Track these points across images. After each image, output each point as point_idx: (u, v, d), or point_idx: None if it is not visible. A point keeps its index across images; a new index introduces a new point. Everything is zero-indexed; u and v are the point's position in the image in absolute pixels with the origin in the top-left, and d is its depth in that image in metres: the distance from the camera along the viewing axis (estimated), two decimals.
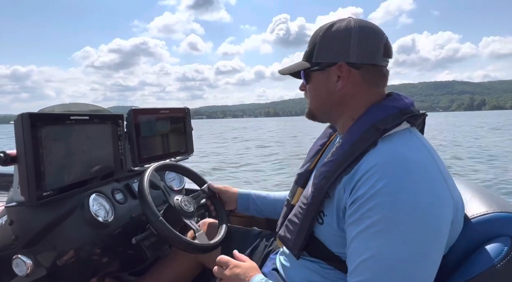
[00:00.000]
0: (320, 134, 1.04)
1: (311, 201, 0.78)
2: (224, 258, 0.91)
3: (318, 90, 0.83)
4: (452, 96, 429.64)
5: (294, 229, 0.82)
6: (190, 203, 1.19)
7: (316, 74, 0.81)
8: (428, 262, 0.62)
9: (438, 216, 0.63)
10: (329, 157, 0.78)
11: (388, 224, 0.62)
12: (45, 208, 0.94)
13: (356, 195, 0.66)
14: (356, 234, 0.65)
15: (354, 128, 0.76)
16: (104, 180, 1.13)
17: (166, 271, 1.32)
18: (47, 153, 0.90)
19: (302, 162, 1.01)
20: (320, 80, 0.81)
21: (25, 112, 0.86)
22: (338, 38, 0.77)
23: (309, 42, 0.83)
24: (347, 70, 0.77)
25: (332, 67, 0.78)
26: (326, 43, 0.78)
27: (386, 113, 0.74)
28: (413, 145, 0.71)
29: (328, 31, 0.78)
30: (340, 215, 0.72)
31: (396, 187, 0.63)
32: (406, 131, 0.73)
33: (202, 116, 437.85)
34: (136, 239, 1.08)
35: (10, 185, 0.96)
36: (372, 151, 0.70)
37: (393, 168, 0.65)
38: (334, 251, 0.77)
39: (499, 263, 0.66)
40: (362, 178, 0.67)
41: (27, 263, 0.93)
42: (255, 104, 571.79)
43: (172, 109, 1.48)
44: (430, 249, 0.62)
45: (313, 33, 0.83)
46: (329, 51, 0.78)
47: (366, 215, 0.64)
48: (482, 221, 0.74)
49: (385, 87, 0.82)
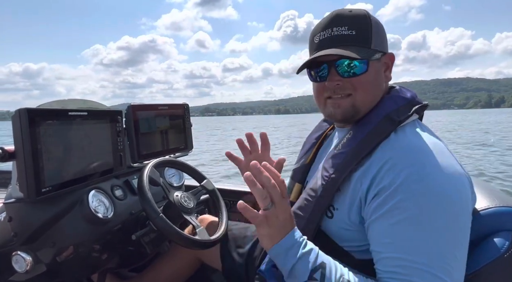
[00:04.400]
0: (314, 127, 1.03)
1: (321, 194, 0.75)
2: (283, 183, 0.68)
3: (375, 81, 0.77)
4: (467, 93, 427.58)
5: (300, 223, 0.79)
6: (189, 199, 1.18)
7: (374, 64, 0.76)
8: (463, 246, 0.63)
9: (464, 200, 0.64)
10: (339, 149, 0.76)
11: (422, 214, 0.61)
12: (44, 204, 0.94)
13: (380, 186, 0.65)
14: (388, 227, 0.63)
15: (367, 120, 0.75)
16: (103, 176, 1.13)
17: (166, 267, 1.32)
18: (45, 149, 0.89)
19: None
20: (377, 70, 0.77)
21: (22, 107, 0.85)
22: (382, 28, 0.78)
23: (353, 25, 0.73)
24: (392, 60, 0.79)
25: (383, 56, 0.78)
26: (380, 30, 0.77)
27: (398, 105, 0.74)
28: (425, 134, 0.71)
29: (374, 18, 0.77)
30: (353, 208, 0.71)
31: (422, 175, 0.62)
32: (415, 122, 0.75)
33: (212, 113, 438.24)
34: (136, 235, 1.07)
35: (9, 182, 0.96)
36: (386, 142, 0.69)
37: (414, 157, 0.65)
38: (342, 245, 0.76)
39: (501, 257, 0.66)
40: (382, 168, 0.66)
41: (26, 259, 0.93)
42: (263, 101, 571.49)
43: (171, 106, 1.47)
44: (464, 231, 0.63)
45: (347, 14, 0.74)
46: (383, 39, 0.78)
47: (397, 206, 0.63)
48: (484, 215, 0.74)
49: None
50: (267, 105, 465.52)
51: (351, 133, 0.77)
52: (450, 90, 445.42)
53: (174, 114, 1.49)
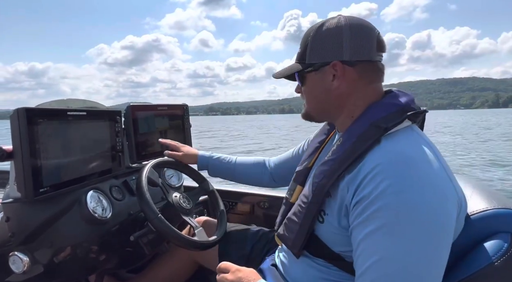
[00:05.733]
0: (318, 131, 1.04)
1: (311, 200, 0.77)
2: (224, 264, 0.89)
3: (314, 91, 0.82)
4: (474, 93, 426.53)
5: (294, 228, 0.81)
6: (188, 200, 1.18)
7: (311, 76, 0.81)
8: (438, 260, 0.62)
9: (445, 215, 0.63)
10: (329, 156, 0.77)
11: (397, 224, 0.61)
12: (42, 205, 0.94)
13: (361, 195, 0.66)
14: (364, 236, 0.64)
15: (354, 127, 0.76)
16: (102, 177, 1.12)
17: (164, 268, 1.32)
18: (44, 148, 0.89)
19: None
20: (315, 81, 0.80)
21: (21, 107, 0.84)
22: (330, 37, 0.77)
23: (301, 43, 0.83)
24: (341, 68, 0.76)
25: (326, 66, 0.77)
26: (318, 43, 0.78)
27: (386, 112, 0.73)
28: (416, 142, 0.70)
29: (319, 31, 0.78)
30: (341, 213, 0.72)
31: (402, 186, 0.62)
32: (408, 129, 0.73)
33: (216, 113, 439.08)
34: (135, 236, 1.07)
35: (7, 182, 0.95)
36: (376, 148, 0.69)
37: (398, 167, 0.64)
38: (335, 250, 0.76)
39: (499, 260, 0.66)
40: (366, 177, 0.66)
41: (23, 260, 0.92)
42: (267, 101, 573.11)
43: (170, 106, 1.47)
44: (440, 248, 0.62)
45: (304, 34, 0.83)
46: (322, 51, 0.77)
47: (373, 215, 0.63)
48: (482, 217, 0.74)
49: (382, 82, 0.81)
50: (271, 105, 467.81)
51: (341, 140, 0.77)
52: (456, 90, 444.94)
53: (173, 114, 1.49)
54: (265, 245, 1.20)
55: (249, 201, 1.65)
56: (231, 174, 1.30)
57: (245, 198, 1.65)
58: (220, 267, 0.88)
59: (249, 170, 1.29)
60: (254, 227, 1.33)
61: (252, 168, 1.29)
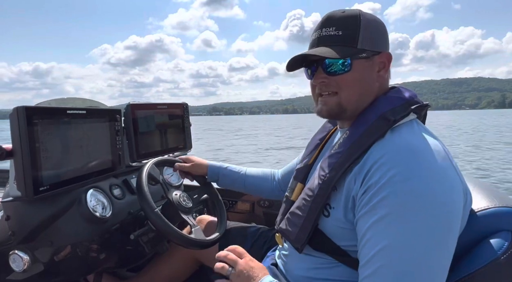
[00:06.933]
0: (319, 128, 1.04)
1: (318, 193, 0.76)
2: (241, 248, 0.84)
3: (363, 80, 0.77)
4: (479, 93, 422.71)
5: (298, 222, 0.80)
6: (188, 199, 1.18)
7: (361, 62, 0.76)
8: (445, 249, 0.62)
9: (452, 202, 0.63)
10: (336, 149, 0.77)
11: (404, 212, 0.61)
12: (42, 203, 0.94)
13: (368, 184, 0.66)
14: (371, 224, 0.64)
15: (362, 119, 0.76)
16: (101, 175, 1.12)
17: (164, 267, 1.32)
18: (43, 147, 0.89)
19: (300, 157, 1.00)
20: (365, 68, 0.77)
21: (20, 105, 0.84)
22: (381, 27, 0.79)
23: (341, 25, 0.76)
24: (389, 60, 0.79)
25: (376, 56, 0.78)
26: (373, 30, 0.77)
27: (394, 105, 0.75)
28: (421, 134, 0.71)
29: (366, 18, 0.77)
30: (348, 206, 0.72)
31: (408, 175, 0.62)
32: (413, 121, 0.75)
33: (220, 113, 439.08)
34: (135, 235, 1.07)
35: (7, 180, 0.95)
36: (381, 141, 0.70)
37: (404, 157, 0.65)
38: (339, 244, 0.76)
39: (501, 258, 0.66)
40: (373, 167, 0.66)
41: (24, 258, 0.92)
42: (270, 101, 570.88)
43: (170, 105, 1.47)
44: (447, 237, 0.62)
45: (338, 15, 0.77)
46: (377, 39, 0.78)
47: (380, 204, 0.63)
48: (483, 215, 0.74)
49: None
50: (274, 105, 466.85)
51: (347, 133, 0.78)
52: (460, 90, 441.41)
53: (173, 113, 1.49)
54: (264, 244, 1.20)
55: (249, 199, 1.64)
56: (241, 185, 1.27)
57: (245, 196, 1.65)
58: (236, 250, 0.84)
59: (259, 182, 1.27)
60: (254, 226, 1.33)
61: (262, 181, 1.27)
